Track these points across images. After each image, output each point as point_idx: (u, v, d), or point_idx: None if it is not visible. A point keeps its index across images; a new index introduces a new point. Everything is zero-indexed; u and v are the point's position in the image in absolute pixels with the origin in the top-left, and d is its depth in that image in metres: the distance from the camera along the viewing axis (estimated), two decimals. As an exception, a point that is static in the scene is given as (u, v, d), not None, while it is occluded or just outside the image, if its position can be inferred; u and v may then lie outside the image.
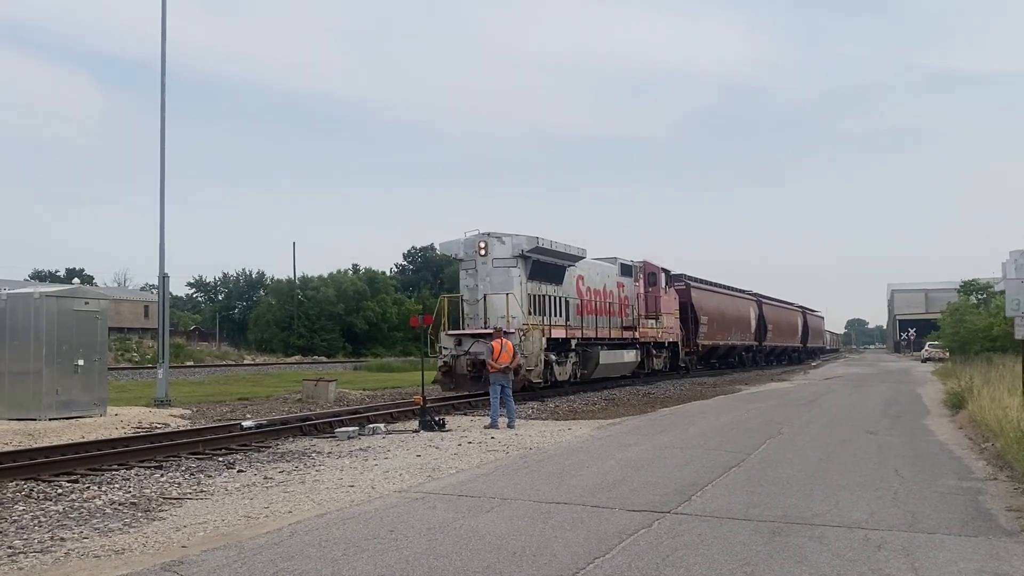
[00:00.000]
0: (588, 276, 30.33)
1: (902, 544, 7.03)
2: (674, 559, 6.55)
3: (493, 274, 24.95)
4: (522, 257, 25.14)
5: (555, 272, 27.19)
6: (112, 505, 9.15)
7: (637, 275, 34.72)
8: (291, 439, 15.31)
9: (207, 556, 6.71)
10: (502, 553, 6.73)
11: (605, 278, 31.94)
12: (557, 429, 16.51)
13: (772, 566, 6.37)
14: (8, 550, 7.10)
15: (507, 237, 25.12)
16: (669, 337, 37.04)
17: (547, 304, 26.61)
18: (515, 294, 24.52)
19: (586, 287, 29.98)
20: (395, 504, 8.91)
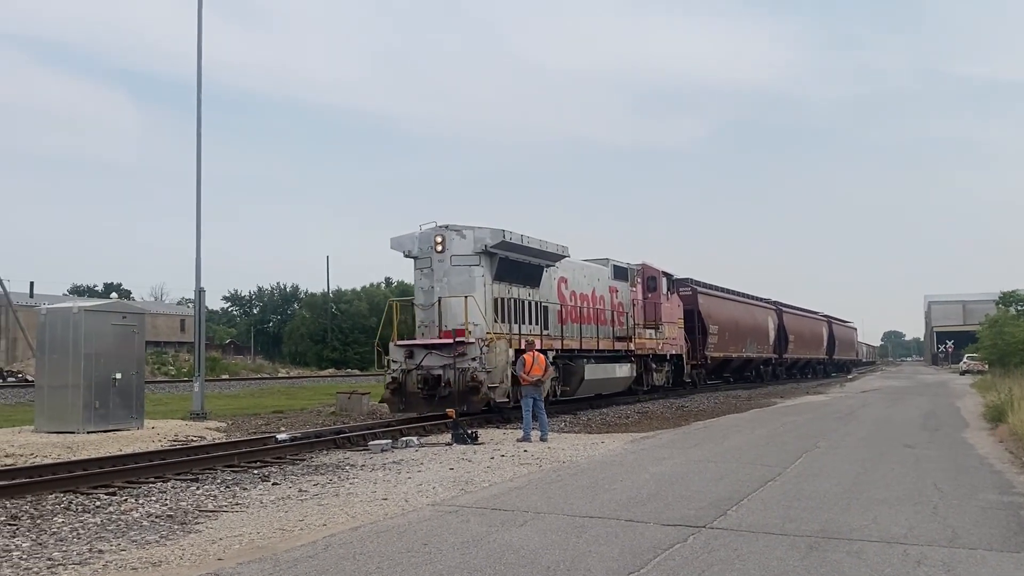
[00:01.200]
0: (573, 279, 26.17)
1: (942, 559, 6.91)
2: (710, 574, 6.49)
3: (451, 274, 21.12)
4: (486, 254, 21.25)
5: (529, 272, 23.10)
6: (149, 517, 9.21)
7: (634, 279, 30.60)
8: (325, 452, 15.36)
9: (242, 569, 6.74)
10: (536, 568, 6.69)
11: (594, 281, 27.68)
12: (590, 442, 16.43)
13: (810, 582, 6.29)
14: (48, 562, 7.16)
15: (468, 230, 21.24)
16: (672, 349, 32.81)
17: (519, 309, 22.43)
18: (476, 297, 20.63)
19: (570, 291, 25.77)
20: (429, 517, 8.90)
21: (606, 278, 28.64)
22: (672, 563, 6.83)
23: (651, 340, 30.50)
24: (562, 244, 24.33)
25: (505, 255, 21.72)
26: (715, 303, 39.79)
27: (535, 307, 23.23)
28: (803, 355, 57.36)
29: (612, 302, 28.60)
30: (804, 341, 57.21)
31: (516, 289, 22.45)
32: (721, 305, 40.59)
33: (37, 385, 20.20)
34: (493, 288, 21.39)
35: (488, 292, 21.18)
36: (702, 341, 36.51)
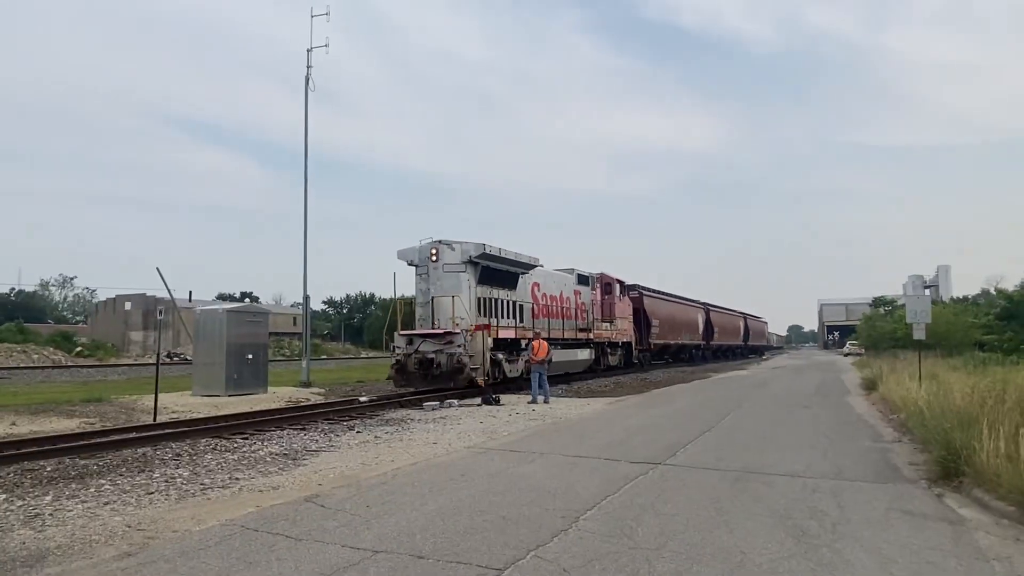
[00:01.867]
0: (544, 283, 24.10)
1: (831, 488, 6.86)
2: (664, 497, 6.47)
3: (443, 279, 19.52)
4: (471, 263, 19.55)
5: (507, 278, 21.11)
6: (271, 455, 9.26)
7: (594, 284, 28.55)
8: (393, 410, 15.37)
9: (335, 491, 6.78)
10: (541, 492, 6.70)
11: (562, 286, 25.68)
12: (579, 404, 16.38)
13: (736, 503, 6.26)
14: (200, 486, 7.24)
15: (457, 244, 19.57)
16: (623, 338, 30.91)
17: (499, 307, 20.63)
18: (462, 297, 19.10)
19: (542, 293, 23.85)
20: (465, 456, 8.91)
21: (572, 283, 26.60)
22: (638, 488, 6.82)
23: (607, 331, 28.93)
24: (535, 256, 22.33)
25: (487, 264, 19.88)
26: (657, 303, 38.36)
27: (513, 305, 21.20)
28: (725, 342, 56.08)
29: (576, 302, 26.66)
30: (726, 331, 56.00)
31: (496, 291, 20.43)
32: (662, 305, 39.36)
33: (194, 363, 20.33)
34: (477, 290, 19.53)
35: (472, 293, 19.37)
36: (646, 332, 35.36)
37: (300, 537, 5.20)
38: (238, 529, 5.42)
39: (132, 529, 5.50)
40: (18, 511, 6.15)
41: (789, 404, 16.05)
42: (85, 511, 6.14)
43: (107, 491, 6.96)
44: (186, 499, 6.63)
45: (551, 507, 6.08)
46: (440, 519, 5.69)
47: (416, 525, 5.51)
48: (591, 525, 5.51)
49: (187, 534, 5.33)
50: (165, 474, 7.86)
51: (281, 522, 5.62)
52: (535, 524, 5.54)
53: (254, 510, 6.05)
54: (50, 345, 48.98)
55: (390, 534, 5.27)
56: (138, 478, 7.64)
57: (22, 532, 5.47)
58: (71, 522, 5.77)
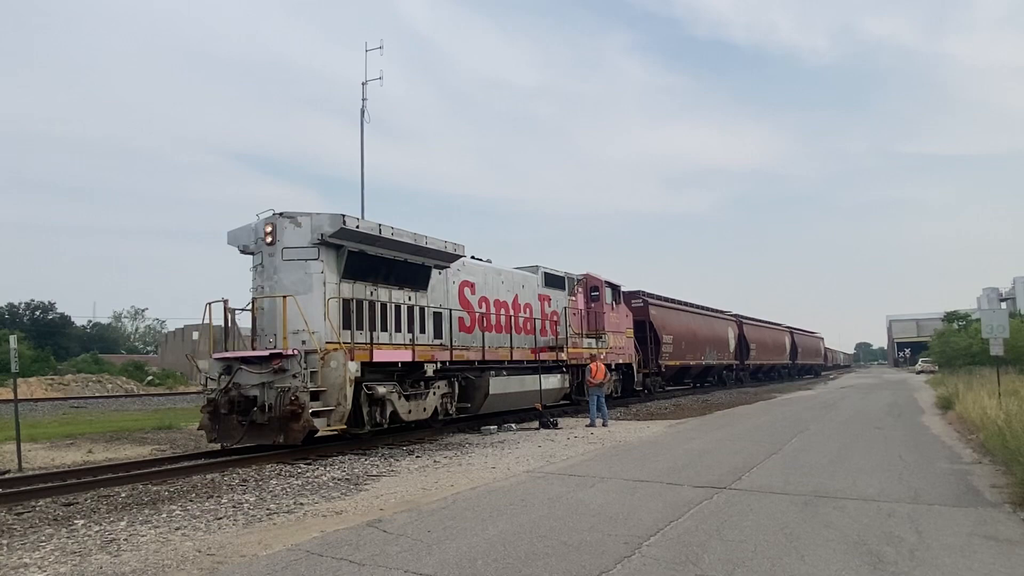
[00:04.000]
0: (484, 284, 17.49)
1: (907, 513, 6.57)
2: (730, 523, 6.31)
3: (283, 270, 12.52)
4: (327, 246, 12.56)
5: (405, 272, 14.21)
6: (333, 480, 9.38)
7: (574, 289, 21.73)
8: (451, 434, 15.43)
9: (397, 516, 6.83)
10: (602, 517, 6.61)
11: (517, 288, 18.87)
12: (638, 427, 16.14)
13: (806, 529, 6.06)
14: (266, 511, 7.39)
15: (304, 217, 12.59)
16: (618, 358, 23.80)
17: (386, 315, 13.69)
18: (311, 297, 12.29)
19: (479, 297, 17.14)
20: (524, 481, 8.87)
21: (535, 286, 19.72)
22: (702, 514, 6.67)
23: (590, 350, 21.29)
24: (455, 243, 15.22)
25: (358, 248, 13.03)
26: (669, 314, 30.94)
27: (418, 314, 14.51)
28: (766, 361, 47.29)
29: (543, 311, 19.82)
30: (766, 349, 47.17)
31: (383, 291, 13.68)
32: (675, 316, 31.80)
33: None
34: (341, 288, 12.73)
35: (327, 291, 12.45)
36: (655, 351, 28.21)
37: (363, 562, 5.25)
38: (303, 554, 5.51)
39: (202, 554, 5.65)
40: (95, 536, 6.39)
41: (859, 425, 15.47)
42: (157, 536, 6.34)
43: (178, 516, 7.18)
44: (253, 524, 6.78)
45: (613, 533, 5.99)
46: (501, 545, 5.67)
47: (477, 550, 5.50)
48: (655, 551, 5.41)
49: (254, 559, 5.44)
50: (232, 499, 8.06)
51: (345, 547, 5.69)
52: (597, 550, 5.47)
53: (318, 535, 6.14)
54: (123, 375, 51.03)
55: (452, 559, 5.28)
56: (207, 503, 7.85)
57: (100, 557, 5.68)
58: (145, 547, 5.96)
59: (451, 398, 15.45)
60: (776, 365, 50.89)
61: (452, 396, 15.47)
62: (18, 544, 6.15)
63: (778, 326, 54.24)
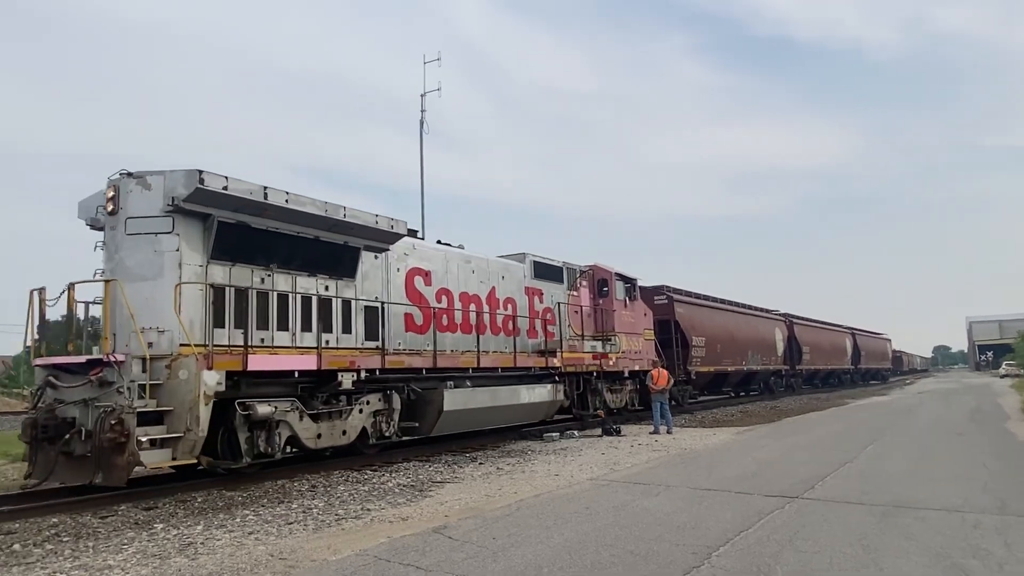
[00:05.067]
0: (445, 273, 14.15)
1: (994, 524, 6.24)
2: (804, 533, 6.11)
3: (125, 248, 9.54)
4: (186, 215, 9.58)
5: (318, 254, 11.19)
6: (399, 487, 9.50)
7: (575, 282, 18.23)
8: (513, 442, 15.44)
9: (462, 522, 6.88)
10: (669, 526, 6.51)
11: (494, 279, 15.54)
12: (704, 434, 15.81)
13: (884, 540, 5.82)
14: (335, 516, 7.54)
15: (156, 177, 9.50)
16: (632, 364, 19.76)
17: (290, 310, 10.60)
18: (163, 285, 9.32)
19: (437, 289, 13.80)
20: (588, 489, 8.80)
21: (521, 277, 16.41)
22: (774, 523, 6.48)
23: (596, 353, 18.05)
24: (393, 218, 12.16)
25: (235, 219, 9.93)
26: (700, 313, 26.76)
27: (343, 307, 11.47)
28: (822, 365, 42.03)
29: (531, 307, 16.47)
30: (822, 352, 41.84)
31: (283, 278, 10.62)
32: (708, 315, 27.59)
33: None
34: (211, 271, 9.73)
35: (186, 276, 9.42)
36: (683, 355, 24.07)
37: (430, 568, 5.30)
38: (372, 559, 5.60)
39: (275, 558, 5.81)
40: (174, 539, 6.64)
41: (939, 432, 14.79)
42: (232, 540, 6.55)
43: (251, 521, 7.40)
44: (322, 529, 6.93)
45: (680, 542, 5.88)
46: (567, 553, 5.63)
47: (543, 558, 5.48)
48: (725, 562, 5.28)
49: (325, 564, 5.56)
50: (302, 504, 8.27)
51: (411, 553, 5.75)
52: (664, 560, 5.38)
53: (386, 540, 6.23)
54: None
55: (517, 567, 5.27)
56: (278, 508, 8.07)
57: (178, 559, 5.90)
58: (220, 551, 6.16)
59: (388, 416, 12.12)
60: (835, 370, 45.60)
61: (390, 414, 12.15)
62: (103, 547, 6.45)
63: (836, 327, 48.48)
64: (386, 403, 12.13)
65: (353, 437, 11.44)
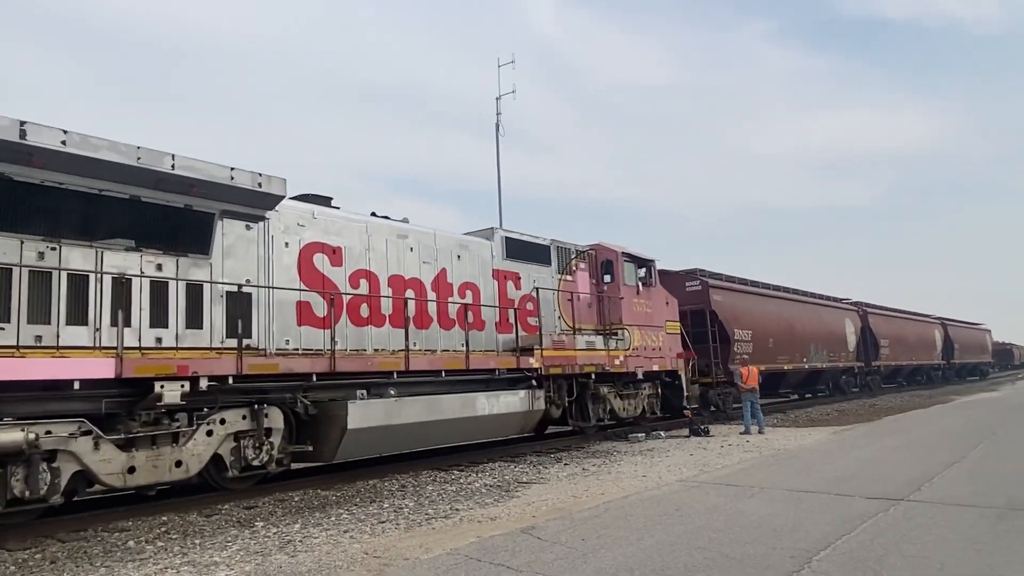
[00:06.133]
0: (363, 250, 11.30)
1: None
2: (911, 537, 5.81)
3: None
4: None
5: (144, 222, 8.59)
6: (485, 487, 9.59)
7: (568, 264, 15.31)
8: (598, 443, 15.33)
9: (549, 523, 6.88)
10: (764, 529, 6.31)
11: (448, 260, 12.63)
12: (799, 434, 15.25)
13: (1000, 544, 5.46)
14: (425, 516, 7.69)
15: None
16: (650, 363, 16.37)
17: (89, 295, 7.93)
18: None
19: (351, 270, 11.04)
20: (678, 490, 8.65)
21: (487, 257, 13.45)
22: (877, 527, 6.19)
23: (589, 352, 14.53)
24: (266, 174, 9.57)
25: None
26: (743, 302, 22.46)
27: (189, 294, 8.92)
28: (905, 361, 36.52)
29: (501, 294, 13.55)
30: (905, 345, 36.28)
31: (78, 252, 8.02)
32: (755, 304, 23.20)
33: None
34: None
35: None
36: (723, 352, 20.15)
37: (520, 569, 5.33)
38: (462, 559, 5.68)
39: (369, 556, 5.98)
40: (274, 537, 6.93)
41: (1060, 430, 13.77)
42: (328, 538, 6.77)
43: (345, 520, 7.64)
44: (413, 528, 7.08)
45: (777, 546, 5.70)
46: (658, 555, 5.55)
47: (634, 560, 5.42)
48: (826, 567, 5.08)
49: (417, 562, 5.68)
50: (393, 504, 8.47)
51: (501, 553, 5.80)
52: (761, 564, 5.22)
53: (475, 540, 6.31)
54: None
55: (608, 568, 5.24)
56: (370, 508, 8.29)
57: (279, 557, 6.15)
58: (317, 548, 6.39)
59: (260, 439, 9.10)
60: (922, 366, 39.87)
61: (259, 436, 9.09)
62: (208, 544, 6.79)
63: (922, 316, 42.22)
64: (255, 422, 9.06)
65: (196, 469, 8.56)
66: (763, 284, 25.64)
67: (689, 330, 18.98)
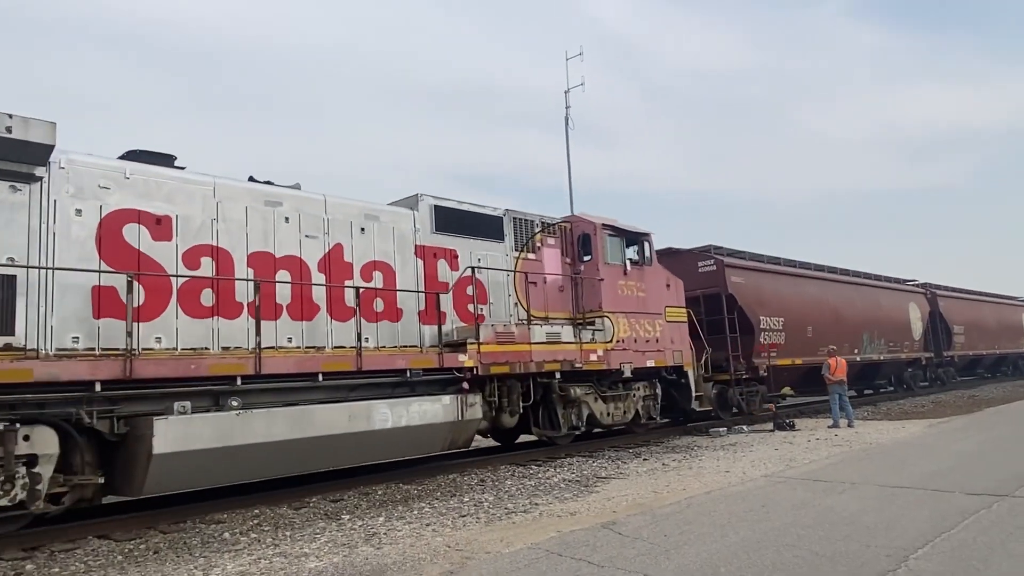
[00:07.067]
0: (206, 220, 8.66)
1: None
2: (1019, 535, 5.48)
3: None
4: None
5: None
6: (564, 482, 9.59)
7: (531, 240, 12.65)
8: (677, 437, 15.10)
9: (630, 519, 6.83)
10: (857, 526, 6.08)
11: (344, 234, 10.05)
12: (892, 427, 14.62)
13: (1123, 546, 5.09)
14: (504, 510, 7.76)
15: None
16: (643, 358, 13.70)
17: None
18: None
19: (189, 246, 8.47)
20: (763, 486, 8.43)
21: (407, 231, 10.91)
22: (980, 524, 5.88)
23: (551, 346, 12.01)
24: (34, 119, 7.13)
25: None
26: (769, 283, 18.89)
27: None
28: (985, 350, 31.72)
29: (427, 276, 11.02)
30: (985, 332, 31.66)
31: None
32: (787, 287, 19.58)
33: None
34: None
35: None
36: (745, 344, 16.87)
37: (602, 564, 5.31)
38: (543, 553, 5.70)
39: (451, 549, 6.08)
40: (359, 530, 7.14)
41: None
42: (411, 531, 6.93)
43: (427, 513, 7.79)
44: (493, 522, 7.16)
45: (871, 543, 5.48)
46: (744, 552, 5.43)
47: (719, 557, 5.32)
48: (925, 565, 4.86)
49: (498, 556, 5.74)
50: (473, 498, 8.58)
51: (582, 548, 5.80)
52: (854, 562, 5.04)
53: (555, 535, 6.32)
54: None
55: (691, 565, 5.16)
56: (451, 502, 8.43)
57: (365, 549, 6.33)
58: (401, 541, 6.54)
59: (8, 471, 6.62)
60: (1007, 355, 34.59)
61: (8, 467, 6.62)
62: (298, 535, 7.06)
63: (1006, 299, 36.44)
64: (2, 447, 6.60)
65: None
66: (800, 263, 21.79)
67: (703, 319, 16.46)
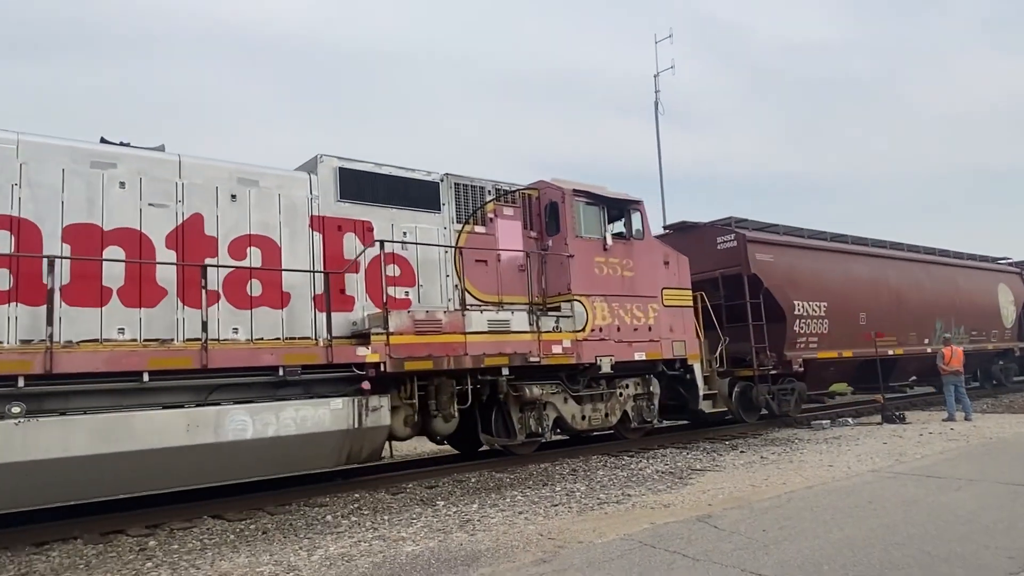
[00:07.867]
0: (12, 183, 7.15)
1: None
2: None
3: None
4: None
5: None
6: (657, 473, 9.47)
7: (482, 210, 10.68)
8: (776, 430, 14.59)
9: (727, 512, 6.67)
10: (975, 526, 5.71)
11: (209, 203, 8.28)
12: (1015, 421, 13.62)
13: None
14: (596, 500, 7.74)
15: None
16: (630, 350, 11.57)
17: None
18: None
19: None
20: (870, 481, 8.03)
21: (302, 198, 9.00)
22: (1119, 530, 5.39)
23: (495, 336, 9.97)
24: None
25: None
26: (805, 262, 15.80)
27: None
28: None
29: (326, 253, 9.04)
30: None
31: None
32: (833, 265, 16.48)
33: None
34: None
35: None
36: (775, 333, 14.42)
37: (697, 557, 5.21)
38: (636, 544, 5.65)
39: (544, 538, 6.12)
40: (454, 516, 7.29)
41: None
42: (504, 519, 7.02)
43: (519, 502, 7.87)
44: (585, 512, 7.15)
45: (991, 544, 5.13)
46: (849, 550, 5.20)
47: (821, 554, 5.12)
48: (1053, 571, 4.50)
49: (591, 545, 5.73)
50: (565, 488, 8.60)
51: (676, 540, 5.71)
52: (972, 564, 4.73)
53: (648, 526, 6.25)
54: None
55: (792, 561, 4.99)
56: (543, 491, 8.48)
57: (459, 535, 6.47)
58: (494, 528, 6.64)
59: None
60: None
61: None
62: (396, 520, 7.28)
63: None
64: None
65: None
66: (853, 238, 18.25)
67: (722, 304, 14.54)
